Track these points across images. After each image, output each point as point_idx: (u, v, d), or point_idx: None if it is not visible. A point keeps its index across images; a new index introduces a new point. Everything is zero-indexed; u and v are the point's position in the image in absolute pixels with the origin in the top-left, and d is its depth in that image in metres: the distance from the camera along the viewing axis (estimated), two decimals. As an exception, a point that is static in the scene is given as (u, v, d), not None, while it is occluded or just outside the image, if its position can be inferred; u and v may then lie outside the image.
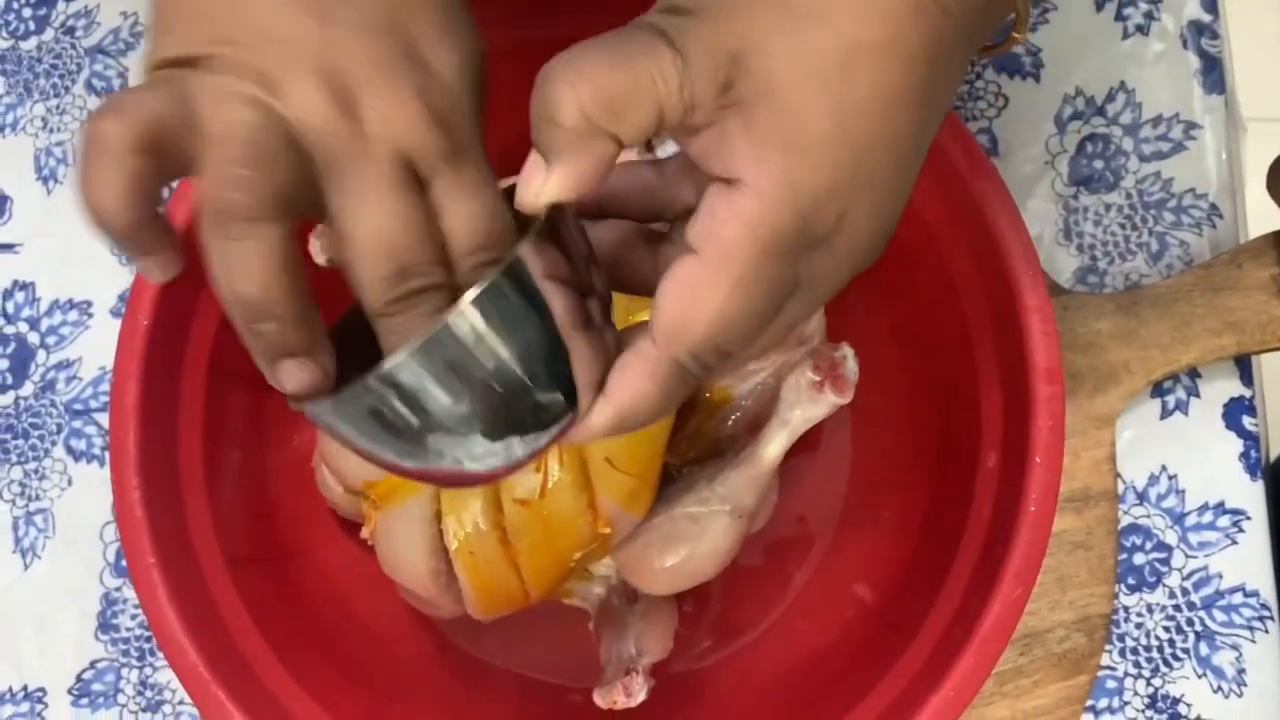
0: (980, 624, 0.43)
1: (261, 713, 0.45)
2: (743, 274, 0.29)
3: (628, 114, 0.28)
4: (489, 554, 0.46)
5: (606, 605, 0.51)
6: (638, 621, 0.50)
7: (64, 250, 0.63)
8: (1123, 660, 0.54)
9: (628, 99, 0.28)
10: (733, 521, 0.48)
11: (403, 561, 0.47)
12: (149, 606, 0.46)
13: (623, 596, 0.51)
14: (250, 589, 0.49)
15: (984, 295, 0.47)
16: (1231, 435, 0.55)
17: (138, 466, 0.47)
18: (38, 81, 0.65)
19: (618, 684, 0.47)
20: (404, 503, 0.47)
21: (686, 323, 0.29)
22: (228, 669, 0.46)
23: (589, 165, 0.29)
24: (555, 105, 0.28)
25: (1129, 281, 0.57)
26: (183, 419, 0.50)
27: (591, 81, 0.28)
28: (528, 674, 0.55)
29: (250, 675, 0.47)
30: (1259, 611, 0.54)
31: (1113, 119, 0.59)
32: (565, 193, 0.29)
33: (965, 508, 0.47)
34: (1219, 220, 0.58)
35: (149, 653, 0.58)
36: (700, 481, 0.49)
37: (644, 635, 0.49)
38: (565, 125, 0.28)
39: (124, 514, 0.47)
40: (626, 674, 0.48)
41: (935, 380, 0.51)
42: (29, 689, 0.58)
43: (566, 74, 0.28)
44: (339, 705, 0.48)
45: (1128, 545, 0.55)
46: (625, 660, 0.48)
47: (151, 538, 0.46)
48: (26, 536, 0.60)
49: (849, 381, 0.48)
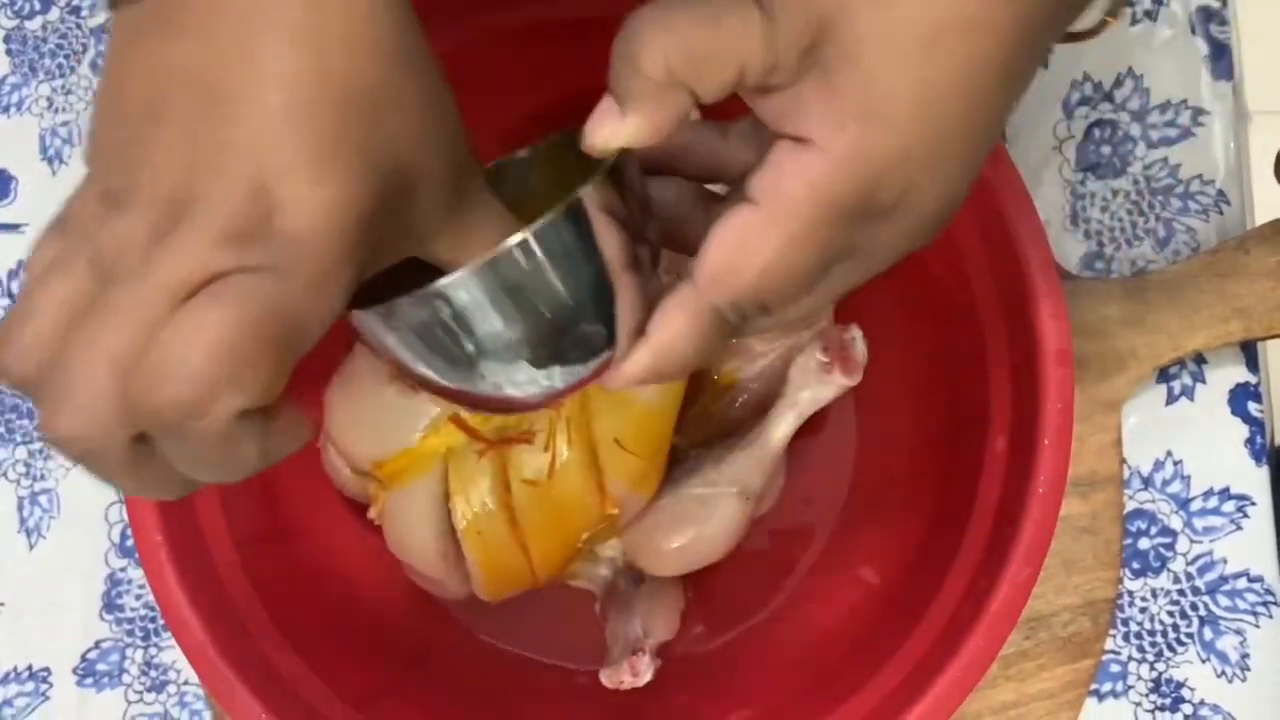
0: (988, 605, 0.43)
1: (268, 690, 0.45)
2: (799, 230, 0.29)
3: (710, 72, 0.28)
4: (497, 534, 0.46)
5: (612, 587, 0.51)
6: (644, 602, 0.50)
7: (69, 230, 0.63)
8: (1127, 645, 0.54)
9: (712, 57, 0.28)
10: (740, 503, 0.48)
11: (411, 541, 0.47)
12: (156, 584, 0.46)
13: (629, 578, 0.51)
14: (257, 568, 0.49)
15: (993, 278, 0.47)
16: (1237, 421, 0.56)
17: None
18: (43, 61, 0.64)
19: (624, 663, 0.47)
20: (412, 483, 0.47)
21: (733, 269, 0.30)
22: (235, 647, 0.46)
23: (664, 117, 0.29)
24: (640, 55, 0.28)
25: (1136, 267, 0.57)
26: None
27: (679, 36, 0.28)
28: (533, 655, 0.55)
29: (257, 653, 0.47)
30: (1263, 596, 0.54)
31: (1120, 105, 0.59)
32: (637, 140, 0.29)
33: (973, 490, 0.47)
34: (1226, 207, 0.58)
35: (154, 633, 0.58)
36: (707, 463, 0.49)
37: (650, 616, 0.49)
38: (647, 75, 0.28)
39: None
40: (633, 654, 0.48)
41: (943, 363, 0.51)
42: (34, 668, 0.58)
43: (655, 26, 0.28)
44: (345, 684, 0.48)
45: (1133, 530, 0.55)
46: (632, 640, 0.49)
47: (159, 515, 0.46)
48: (31, 516, 0.60)
49: (858, 363, 0.48)
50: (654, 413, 0.47)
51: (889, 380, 0.49)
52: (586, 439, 0.46)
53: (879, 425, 0.55)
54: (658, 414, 0.47)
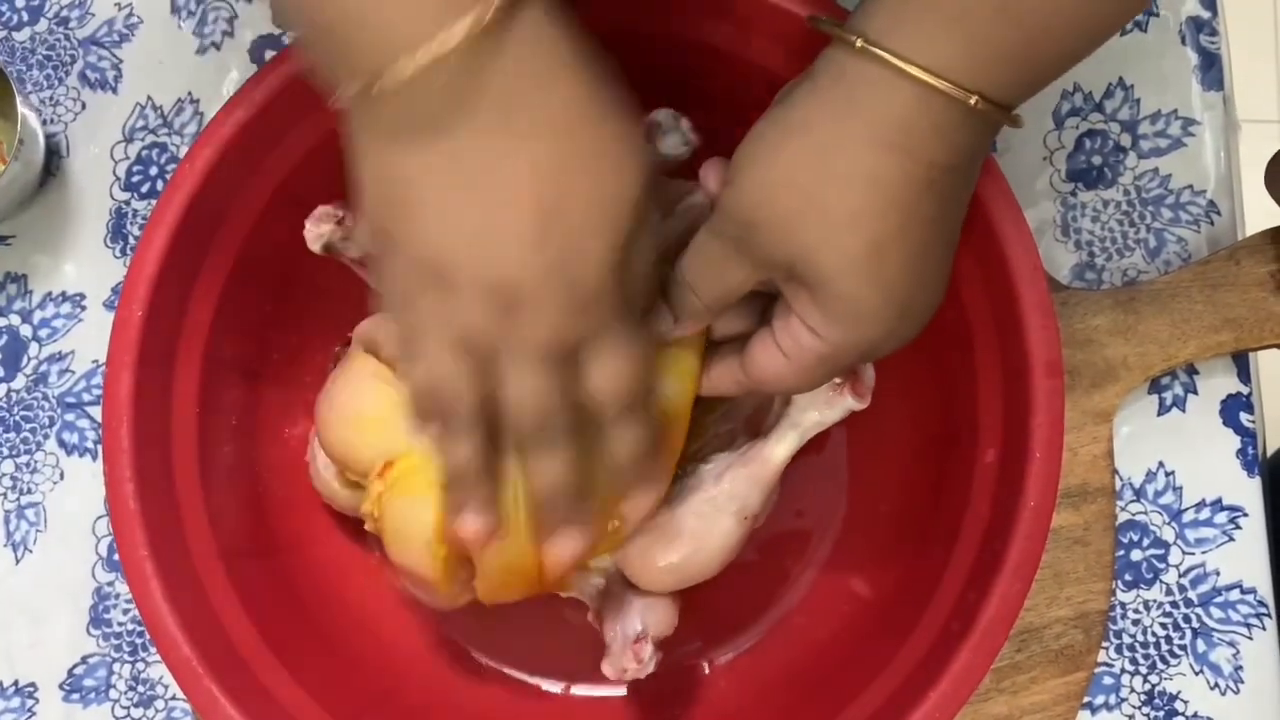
0: (979, 618, 0.43)
1: (255, 707, 0.45)
2: (809, 371, 0.42)
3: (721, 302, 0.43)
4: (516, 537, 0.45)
5: (606, 593, 0.51)
6: (639, 599, 0.49)
7: (57, 243, 0.62)
8: (1120, 657, 0.54)
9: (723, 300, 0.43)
10: (738, 523, 0.48)
11: (413, 545, 0.46)
12: (141, 600, 0.45)
13: (622, 584, 0.51)
14: (244, 582, 0.49)
15: (984, 290, 0.47)
16: (1229, 432, 0.55)
17: (131, 459, 0.47)
18: (31, 72, 0.64)
19: (628, 650, 0.47)
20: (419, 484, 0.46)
21: (765, 382, 0.44)
22: (221, 663, 0.46)
23: (696, 325, 0.45)
24: (683, 301, 0.44)
25: (1127, 278, 0.57)
26: (176, 412, 0.50)
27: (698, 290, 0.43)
28: (524, 671, 0.55)
29: (244, 669, 0.47)
30: (1256, 608, 0.54)
31: (1111, 115, 0.59)
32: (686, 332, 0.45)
33: (963, 503, 0.47)
34: (1217, 217, 0.58)
35: (141, 648, 0.58)
36: (706, 480, 0.49)
37: (648, 611, 0.49)
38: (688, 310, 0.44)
39: (117, 507, 0.46)
40: (636, 642, 0.47)
41: (934, 376, 0.51)
42: (20, 684, 0.58)
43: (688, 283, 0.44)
44: (334, 700, 0.48)
45: (1125, 542, 0.55)
46: (631, 634, 0.48)
47: (145, 531, 0.46)
48: (18, 530, 0.60)
49: (867, 387, 0.48)
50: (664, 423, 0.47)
51: (879, 393, 0.49)
52: None
53: (869, 439, 0.55)
54: (668, 423, 0.47)
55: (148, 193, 0.62)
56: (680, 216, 0.51)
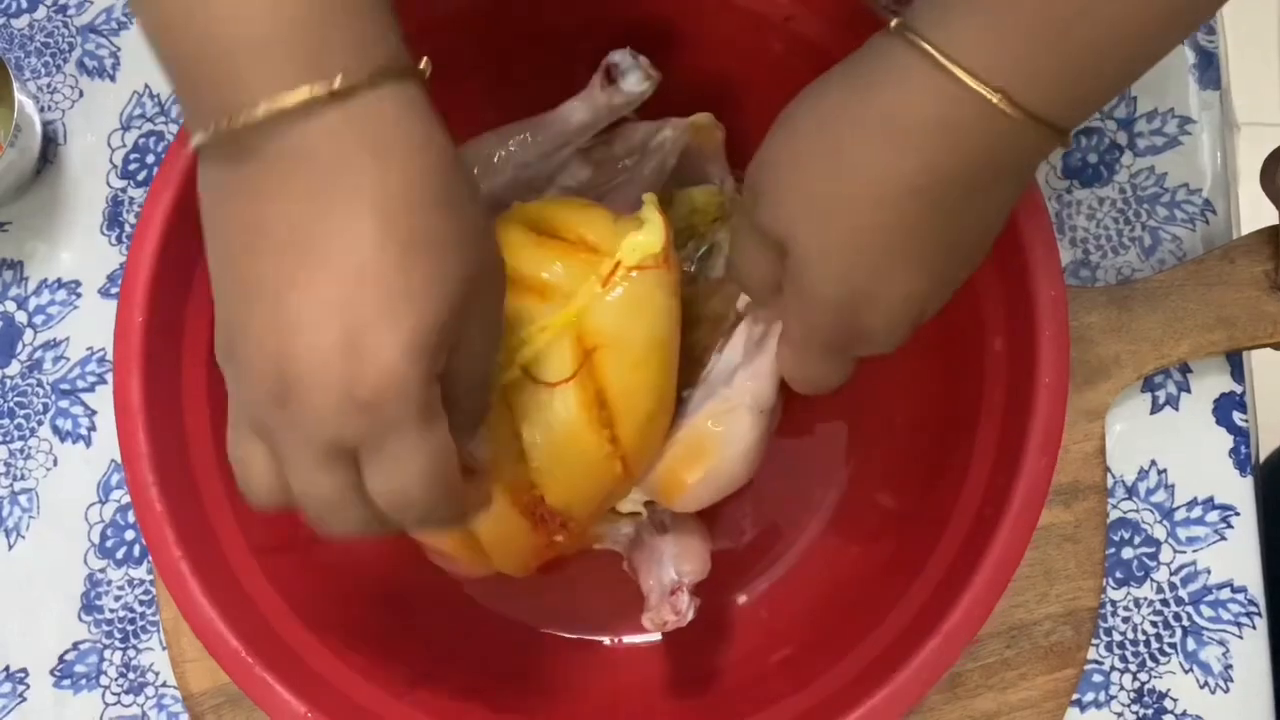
0: (1012, 496, 0.44)
1: (311, 692, 0.45)
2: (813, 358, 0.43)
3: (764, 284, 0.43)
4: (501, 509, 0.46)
5: (637, 541, 0.51)
6: (671, 547, 0.49)
7: (52, 229, 0.62)
8: (1109, 654, 0.54)
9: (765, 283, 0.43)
10: (755, 417, 0.47)
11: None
12: (182, 600, 0.46)
13: (652, 530, 0.50)
14: (278, 575, 0.49)
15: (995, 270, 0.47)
16: (1222, 431, 0.55)
17: (151, 464, 0.47)
18: (29, 59, 0.64)
19: (665, 603, 0.47)
20: None
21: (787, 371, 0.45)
22: (270, 653, 0.46)
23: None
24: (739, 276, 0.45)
25: (1121, 276, 0.57)
26: (188, 413, 0.50)
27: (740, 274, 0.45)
28: (561, 630, 0.55)
29: (293, 657, 0.47)
30: (1246, 607, 0.54)
31: (1107, 113, 0.59)
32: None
33: (977, 393, 0.47)
34: (1212, 216, 0.58)
35: (133, 634, 0.58)
36: (718, 385, 0.48)
37: (681, 558, 0.48)
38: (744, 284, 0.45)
39: (144, 512, 0.46)
40: (672, 594, 0.47)
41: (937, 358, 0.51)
42: (10, 669, 0.58)
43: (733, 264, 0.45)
44: (383, 677, 0.48)
45: (1116, 539, 0.55)
46: (668, 584, 0.48)
47: (175, 533, 0.46)
48: (11, 516, 0.60)
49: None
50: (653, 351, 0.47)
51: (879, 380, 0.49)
52: (593, 388, 0.45)
53: (869, 425, 0.55)
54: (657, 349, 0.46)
55: (144, 181, 0.62)
56: (650, 155, 0.52)
